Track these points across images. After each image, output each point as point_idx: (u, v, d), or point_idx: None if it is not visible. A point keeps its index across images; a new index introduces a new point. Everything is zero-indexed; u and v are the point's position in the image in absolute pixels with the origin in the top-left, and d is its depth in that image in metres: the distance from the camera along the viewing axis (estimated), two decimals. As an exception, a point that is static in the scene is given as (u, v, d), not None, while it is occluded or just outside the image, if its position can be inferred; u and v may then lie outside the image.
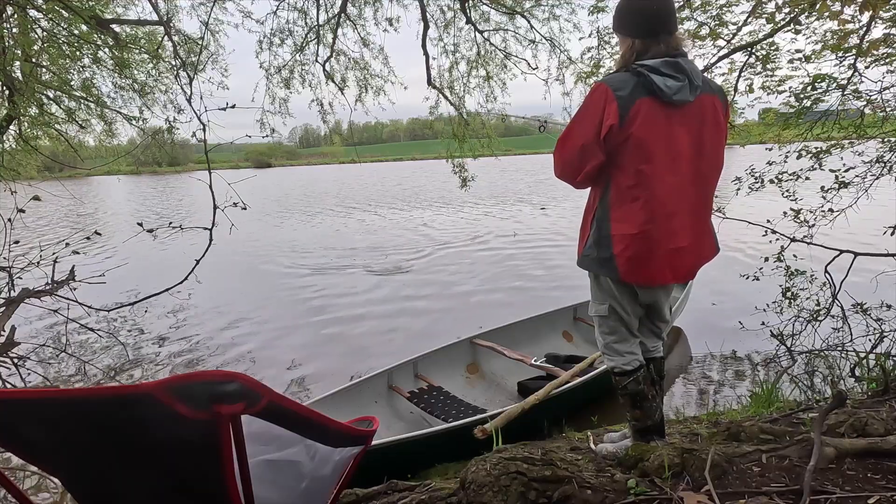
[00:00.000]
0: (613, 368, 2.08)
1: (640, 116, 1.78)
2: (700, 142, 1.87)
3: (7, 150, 5.28)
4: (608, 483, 1.66)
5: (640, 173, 1.82)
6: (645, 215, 1.84)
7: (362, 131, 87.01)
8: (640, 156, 1.81)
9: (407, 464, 2.95)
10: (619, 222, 1.87)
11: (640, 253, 1.87)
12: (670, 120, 1.81)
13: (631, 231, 1.85)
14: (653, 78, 1.76)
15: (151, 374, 5.43)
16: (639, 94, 1.77)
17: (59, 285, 3.83)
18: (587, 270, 2.04)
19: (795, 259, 4.94)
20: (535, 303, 6.62)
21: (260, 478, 1.14)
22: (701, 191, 1.93)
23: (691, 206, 1.90)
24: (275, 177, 42.43)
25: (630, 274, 1.90)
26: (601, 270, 1.97)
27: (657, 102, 1.78)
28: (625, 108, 1.76)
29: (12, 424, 0.95)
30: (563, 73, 6.27)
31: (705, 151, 1.89)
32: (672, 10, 1.87)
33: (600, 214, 1.93)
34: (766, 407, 3.34)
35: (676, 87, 1.78)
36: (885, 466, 1.69)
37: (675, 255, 1.89)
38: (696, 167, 1.88)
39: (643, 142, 1.79)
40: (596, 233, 1.95)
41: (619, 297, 2.01)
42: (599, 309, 2.06)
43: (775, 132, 4.99)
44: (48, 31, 5.19)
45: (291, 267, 10.03)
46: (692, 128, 1.85)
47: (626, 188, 1.85)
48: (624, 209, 1.87)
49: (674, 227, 1.87)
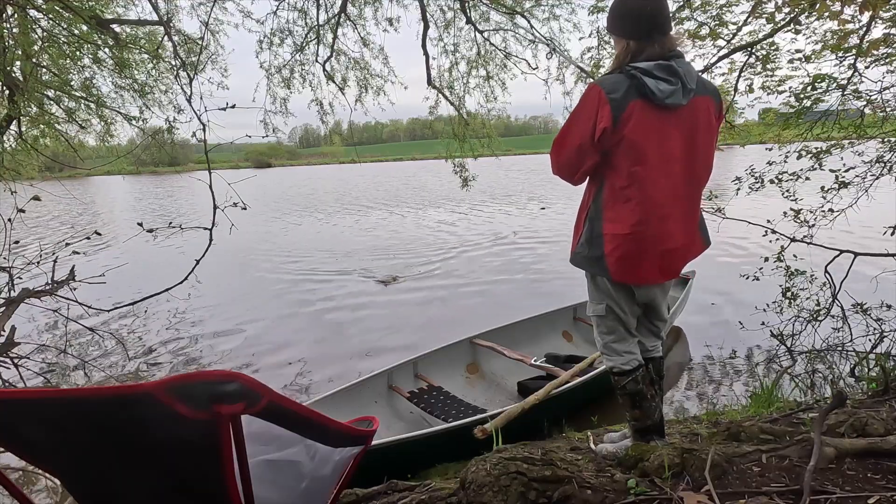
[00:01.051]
0: (612, 368, 2.09)
1: (632, 119, 1.78)
2: (693, 144, 1.87)
3: (7, 150, 5.28)
4: (608, 483, 1.66)
5: (633, 175, 1.83)
6: (637, 216, 1.85)
7: (362, 131, 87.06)
8: (632, 157, 1.82)
9: (407, 464, 2.95)
10: (611, 222, 1.89)
11: (630, 253, 1.88)
12: (663, 122, 1.82)
13: (623, 231, 1.87)
14: (645, 81, 1.76)
15: (151, 374, 5.43)
16: (632, 97, 1.77)
17: (59, 285, 3.83)
18: (578, 268, 2.06)
19: (795, 259, 4.94)
20: (536, 302, 6.62)
21: (260, 478, 1.14)
22: (693, 192, 1.94)
23: (683, 209, 1.92)
24: (275, 177, 42.42)
25: (620, 273, 1.93)
26: (592, 269, 1.99)
27: (650, 105, 1.78)
28: (618, 110, 1.77)
29: (12, 424, 0.95)
30: (563, 73, 6.27)
31: (698, 154, 1.89)
32: (666, 12, 1.87)
33: (593, 213, 1.95)
34: (766, 407, 3.34)
35: (669, 91, 1.78)
36: (885, 466, 1.69)
37: (666, 255, 1.91)
38: (689, 169, 1.89)
39: (636, 144, 1.80)
40: (588, 231, 1.96)
41: (615, 297, 2.02)
42: (597, 309, 2.07)
43: (775, 132, 4.99)
44: (48, 31, 5.19)
45: (292, 267, 10.02)
46: (685, 131, 1.85)
47: (619, 189, 1.87)
48: (616, 209, 1.88)
49: (667, 229, 1.88)
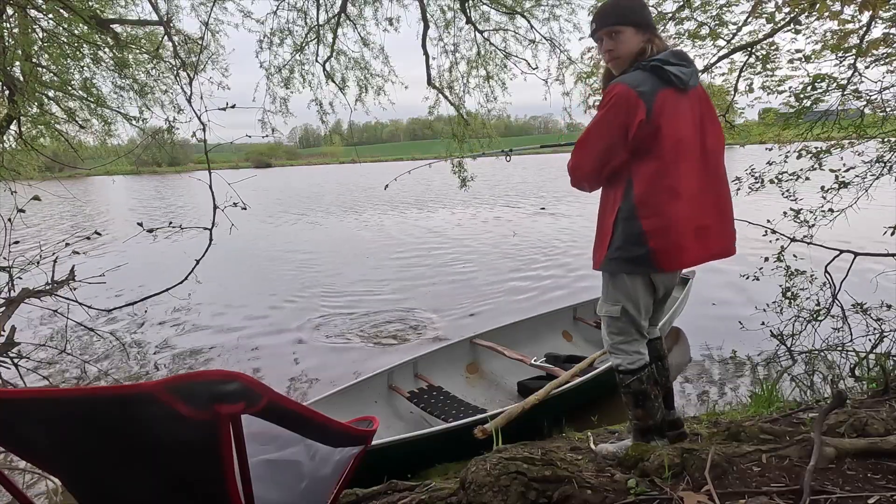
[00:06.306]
0: (618, 366, 2.09)
1: (664, 108, 1.84)
2: (703, 121, 1.96)
3: (7, 150, 5.28)
4: (608, 483, 1.66)
5: (667, 162, 1.87)
6: (673, 202, 1.88)
7: (362, 131, 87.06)
8: (665, 145, 1.86)
9: (407, 464, 2.94)
10: (648, 217, 1.89)
11: (673, 241, 1.90)
12: (684, 106, 1.90)
13: (662, 223, 1.88)
14: (670, 70, 1.84)
15: (151, 374, 5.43)
16: (658, 87, 1.85)
17: (59, 285, 3.83)
18: (614, 272, 2.00)
19: (795, 259, 4.94)
20: (536, 302, 6.62)
21: (260, 478, 1.14)
22: (711, 167, 1.98)
23: (707, 184, 1.96)
24: (276, 177, 42.41)
25: (668, 263, 1.93)
26: (635, 268, 1.95)
27: (674, 91, 1.87)
28: (649, 101, 1.82)
29: (12, 424, 0.95)
30: (563, 73, 6.28)
31: (708, 130, 1.98)
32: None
33: (625, 213, 1.92)
34: (766, 407, 3.34)
35: (689, 74, 1.89)
36: (885, 466, 1.69)
37: (700, 232, 1.94)
38: (703, 145, 1.96)
39: (669, 131, 1.85)
40: (624, 233, 1.93)
41: (634, 297, 2.00)
42: (611, 310, 2.04)
43: (775, 132, 5.00)
44: (48, 31, 5.19)
45: (292, 267, 10.02)
46: (695, 110, 1.94)
47: (651, 181, 1.88)
48: (652, 203, 1.89)
49: (698, 206, 1.92)
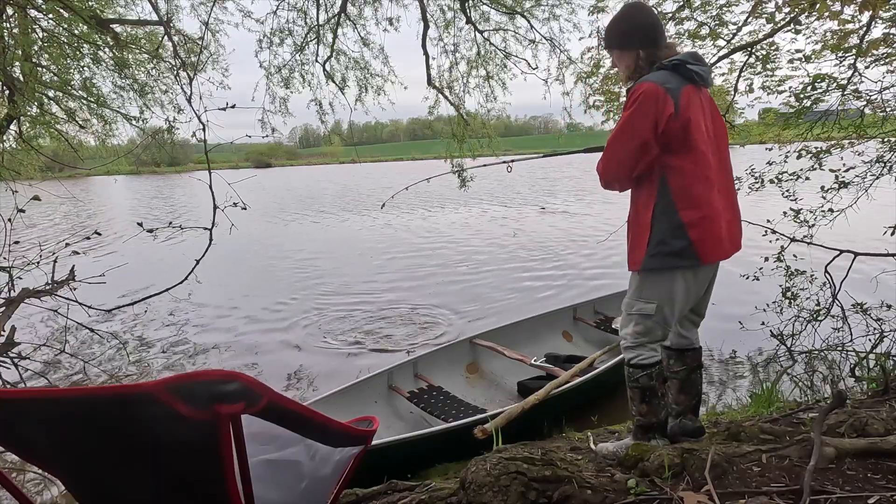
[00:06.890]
0: (631, 360, 2.09)
1: (690, 103, 1.93)
2: (712, 117, 2.09)
3: (7, 150, 5.29)
4: (608, 483, 1.66)
5: (697, 155, 1.95)
6: (707, 194, 1.95)
7: (362, 131, 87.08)
8: (694, 139, 1.94)
9: (407, 464, 2.94)
10: (687, 209, 1.94)
11: (710, 232, 1.95)
12: (702, 102, 2.02)
13: (700, 214, 1.94)
14: (692, 68, 1.96)
15: (151, 374, 5.43)
16: (682, 83, 1.95)
17: (59, 285, 3.84)
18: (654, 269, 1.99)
19: (795, 259, 4.93)
20: (536, 302, 6.62)
21: (260, 478, 1.14)
22: (724, 163, 2.10)
23: (724, 178, 2.07)
24: (276, 177, 42.43)
25: (709, 255, 1.97)
26: (678, 262, 1.96)
27: (694, 88, 1.98)
28: (676, 97, 1.91)
29: (12, 424, 0.95)
30: (563, 73, 6.28)
31: (718, 125, 2.11)
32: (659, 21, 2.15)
33: (663, 208, 1.95)
34: (766, 407, 3.33)
35: (707, 72, 2.04)
36: (885, 466, 1.69)
37: (728, 226, 2.03)
38: (716, 142, 2.06)
39: (695, 125, 1.93)
40: (663, 228, 1.95)
41: (672, 297, 2.00)
42: (644, 308, 2.03)
43: (775, 132, 4.99)
44: (48, 31, 5.19)
45: (292, 267, 10.02)
46: (706, 106, 2.06)
47: (687, 173, 1.95)
48: (689, 195, 1.94)
49: (724, 199, 2.03)
